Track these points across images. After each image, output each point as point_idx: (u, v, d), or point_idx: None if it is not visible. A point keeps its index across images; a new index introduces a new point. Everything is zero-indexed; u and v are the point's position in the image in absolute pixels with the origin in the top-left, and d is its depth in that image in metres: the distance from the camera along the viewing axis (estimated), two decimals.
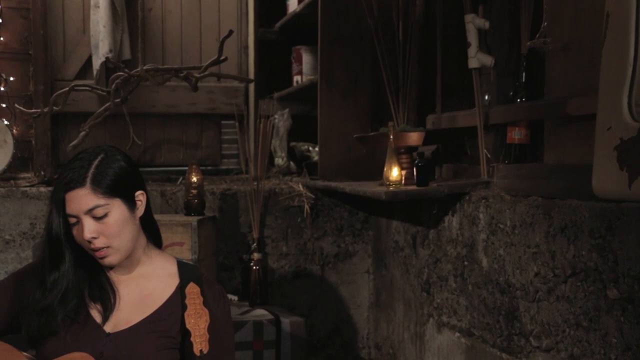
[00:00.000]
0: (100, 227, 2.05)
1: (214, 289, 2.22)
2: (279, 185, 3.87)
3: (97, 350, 2.07)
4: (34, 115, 3.73)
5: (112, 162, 2.09)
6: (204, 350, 2.04)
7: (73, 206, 2.03)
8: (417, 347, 3.26)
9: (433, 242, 3.06)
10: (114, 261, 2.10)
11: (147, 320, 2.13)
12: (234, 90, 4.59)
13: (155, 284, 2.18)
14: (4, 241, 3.50)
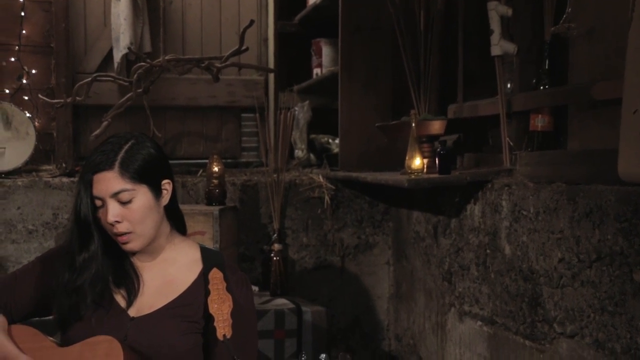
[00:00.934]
0: (124, 211, 2.06)
1: (237, 274, 2.23)
2: (300, 177, 3.88)
3: (121, 334, 2.08)
4: (56, 106, 3.75)
5: (141, 149, 2.10)
6: (227, 335, 2.05)
7: (100, 188, 2.05)
8: (438, 337, 3.26)
9: (455, 231, 3.05)
10: (135, 247, 2.11)
11: (170, 305, 2.14)
12: (254, 83, 4.61)
13: (178, 269, 2.20)
14: (27, 231, 3.53)
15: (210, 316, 2.08)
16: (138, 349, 2.08)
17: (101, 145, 2.10)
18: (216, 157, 3.50)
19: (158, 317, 2.13)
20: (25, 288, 2.23)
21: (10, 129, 3.96)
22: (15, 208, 3.52)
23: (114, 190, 2.04)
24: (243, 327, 2.13)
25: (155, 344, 2.09)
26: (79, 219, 2.07)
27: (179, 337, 2.11)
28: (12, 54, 4.24)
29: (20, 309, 2.23)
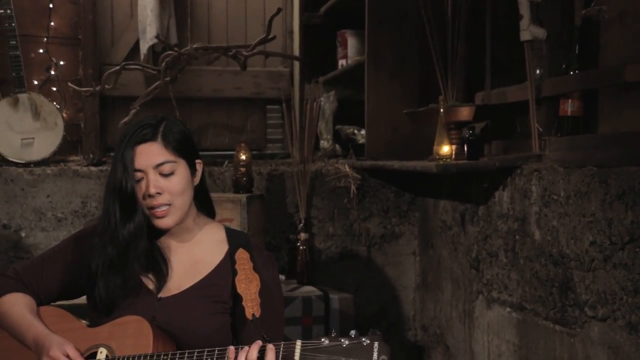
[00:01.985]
0: (165, 183, 2.07)
1: (263, 254, 2.24)
2: (325, 167, 3.89)
3: (149, 314, 2.09)
4: (85, 94, 3.79)
5: (177, 125, 2.13)
6: (256, 314, 2.06)
7: (142, 160, 2.05)
8: (465, 325, 3.25)
9: (482, 218, 3.04)
10: (170, 222, 2.12)
11: (197, 285, 2.15)
12: (279, 75, 4.62)
13: (204, 250, 2.20)
14: (56, 219, 3.56)
15: (238, 296, 2.09)
16: (166, 329, 2.09)
17: (136, 122, 2.12)
18: (243, 145, 3.52)
19: (186, 297, 2.14)
20: (53, 271, 2.24)
21: (39, 119, 3.99)
22: (44, 196, 3.55)
23: (158, 161, 2.05)
24: (271, 306, 2.14)
25: (183, 324, 2.10)
26: (124, 192, 2.05)
27: (206, 317, 2.12)
28: (40, 45, 4.28)
29: (48, 291, 2.24)
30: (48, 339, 2.07)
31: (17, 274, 2.24)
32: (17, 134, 3.94)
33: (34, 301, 2.22)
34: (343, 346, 1.90)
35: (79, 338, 2.10)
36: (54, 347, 2.04)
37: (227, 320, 2.14)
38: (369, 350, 1.88)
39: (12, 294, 2.20)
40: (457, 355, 3.36)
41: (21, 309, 2.17)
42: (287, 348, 1.93)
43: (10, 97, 3.98)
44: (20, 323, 2.14)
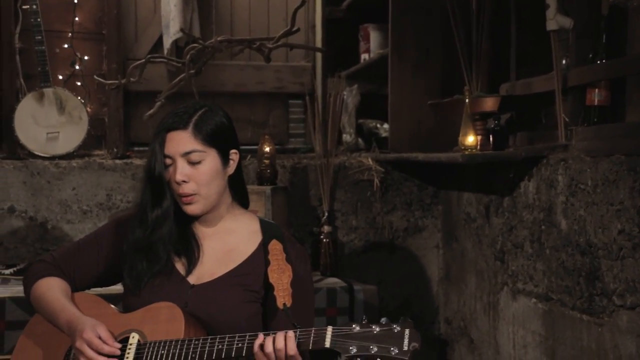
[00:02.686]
0: (192, 172, 2.10)
1: (296, 247, 2.25)
2: (349, 160, 3.89)
3: (181, 301, 2.11)
4: (111, 87, 3.82)
5: (215, 115, 2.15)
6: (287, 304, 2.07)
7: (171, 146, 2.09)
8: (490, 317, 3.25)
9: (507, 209, 3.04)
10: (197, 210, 2.14)
11: (230, 273, 2.17)
12: (301, 69, 4.63)
13: (238, 239, 2.22)
14: (82, 211, 3.59)
15: (270, 286, 2.11)
16: (198, 316, 2.11)
17: (176, 109, 2.15)
18: (267, 137, 3.53)
19: (218, 285, 2.16)
20: (89, 257, 2.27)
21: (64, 113, 4.03)
22: (70, 189, 3.58)
23: (185, 150, 2.09)
24: (302, 297, 2.15)
25: (215, 311, 2.12)
26: (153, 176, 2.10)
27: (238, 305, 2.14)
28: (65, 40, 4.32)
29: (83, 277, 2.27)
30: (81, 321, 2.10)
31: (54, 259, 2.27)
32: (42, 128, 3.97)
33: (69, 286, 2.25)
34: (374, 333, 1.91)
35: (112, 323, 2.13)
36: (86, 329, 2.06)
37: (258, 309, 2.16)
38: (400, 337, 1.89)
39: (48, 278, 2.24)
40: (481, 348, 3.36)
41: (56, 293, 2.20)
42: (317, 334, 1.94)
43: (36, 92, 4.02)
44: (54, 306, 2.18)
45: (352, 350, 1.89)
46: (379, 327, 1.92)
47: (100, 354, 2.03)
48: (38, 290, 2.23)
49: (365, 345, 1.89)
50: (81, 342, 2.05)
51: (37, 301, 2.23)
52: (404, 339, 1.89)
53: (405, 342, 1.88)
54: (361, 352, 1.88)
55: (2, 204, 3.51)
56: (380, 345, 1.88)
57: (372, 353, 1.88)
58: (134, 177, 3.63)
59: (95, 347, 2.04)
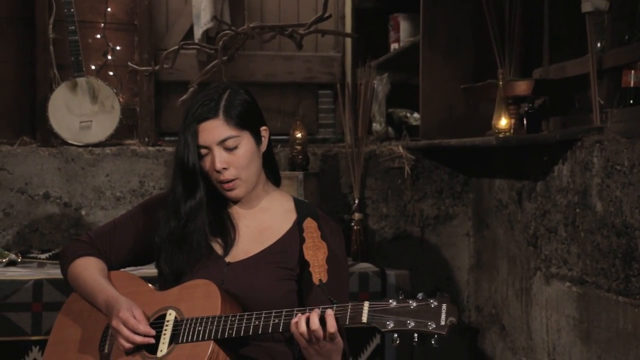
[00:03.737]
0: (230, 158, 2.11)
1: (330, 224, 2.27)
2: (379, 148, 3.90)
3: (218, 278, 2.13)
4: (145, 74, 3.85)
5: (238, 96, 2.15)
6: (323, 280, 2.08)
7: (206, 137, 2.10)
8: (522, 303, 3.24)
9: (540, 194, 3.03)
10: (240, 193, 2.16)
11: (265, 251, 2.18)
12: (331, 59, 4.65)
13: (273, 218, 2.24)
14: (115, 198, 3.63)
15: (306, 263, 2.12)
16: (234, 294, 2.13)
17: (199, 97, 2.15)
18: (299, 123, 3.55)
19: (254, 262, 2.17)
20: (124, 236, 2.30)
21: (97, 103, 4.07)
22: (104, 175, 3.62)
23: (221, 138, 2.10)
24: (337, 273, 2.17)
25: (251, 288, 2.13)
26: (186, 168, 2.11)
27: (274, 282, 2.15)
28: (97, 31, 4.36)
29: (119, 256, 2.31)
30: (118, 301, 2.12)
31: (90, 238, 2.30)
32: (75, 116, 4.02)
33: (105, 265, 2.28)
34: (410, 308, 1.91)
35: (149, 301, 2.15)
36: (123, 309, 2.09)
37: (294, 287, 2.17)
38: (437, 312, 1.89)
39: (85, 257, 2.26)
40: (513, 334, 3.35)
41: (93, 272, 2.23)
42: (354, 309, 1.95)
43: (69, 81, 4.06)
44: (92, 285, 2.21)
45: (389, 325, 1.89)
46: (415, 303, 1.92)
47: (136, 334, 2.07)
48: (75, 270, 2.26)
49: (402, 320, 1.89)
50: (117, 322, 2.08)
51: (75, 280, 2.26)
52: (441, 313, 1.88)
53: (442, 317, 1.88)
54: (398, 327, 1.89)
55: (37, 190, 3.55)
56: (417, 320, 1.88)
57: (409, 328, 1.88)
58: (166, 164, 3.66)
59: (131, 326, 2.07)
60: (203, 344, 2.03)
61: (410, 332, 1.88)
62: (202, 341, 2.03)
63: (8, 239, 3.52)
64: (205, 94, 2.14)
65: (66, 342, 2.23)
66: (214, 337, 2.03)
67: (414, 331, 1.88)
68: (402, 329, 1.89)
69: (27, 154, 3.57)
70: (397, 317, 1.90)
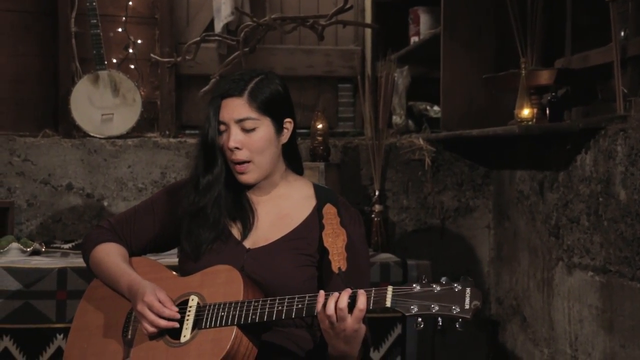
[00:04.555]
0: (246, 139, 2.11)
1: (350, 211, 2.26)
2: (400, 140, 3.90)
3: (238, 264, 2.13)
4: (167, 65, 3.88)
5: (270, 84, 2.15)
6: (342, 268, 2.08)
7: (226, 113, 2.11)
8: (544, 294, 3.23)
9: (563, 184, 3.02)
10: (250, 179, 2.16)
11: (285, 238, 2.18)
12: (351, 53, 4.65)
13: (292, 204, 2.23)
14: (137, 189, 3.65)
15: (325, 250, 2.12)
16: (255, 280, 2.13)
17: (232, 75, 2.17)
18: (320, 114, 3.56)
19: (274, 249, 2.17)
20: (145, 222, 2.30)
21: (118, 95, 4.10)
22: (126, 167, 3.64)
23: (240, 117, 2.10)
24: (357, 261, 2.16)
25: (270, 275, 2.13)
26: (206, 142, 2.13)
27: (294, 269, 2.15)
28: (119, 24, 4.39)
29: (139, 242, 2.31)
30: (142, 285, 2.13)
31: (111, 225, 2.31)
32: (97, 109, 4.05)
33: (126, 251, 2.29)
34: (434, 292, 1.91)
35: (171, 286, 2.16)
36: (147, 292, 2.09)
37: (314, 273, 2.17)
38: (461, 296, 1.89)
39: (107, 243, 2.27)
40: (534, 325, 3.34)
41: (115, 258, 2.24)
42: (378, 293, 1.95)
43: (91, 74, 4.09)
44: (114, 270, 2.21)
45: (413, 309, 1.89)
46: (439, 287, 1.92)
47: (161, 317, 2.07)
48: (97, 256, 2.27)
49: (426, 304, 1.89)
50: (142, 306, 2.08)
51: (97, 266, 2.27)
52: (465, 297, 1.89)
53: (466, 301, 1.88)
54: (422, 311, 1.89)
55: (60, 181, 3.58)
56: (441, 304, 1.88)
57: (434, 312, 1.88)
58: (187, 156, 3.68)
59: (156, 310, 2.07)
60: (226, 330, 2.03)
61: (434, 316, 1.88)
62: (225, 326, 2.03)
63: (32, 229, 3.55)
64: (239, 73, 2.16)
65: (89, 328, 2.24)
66: (237, 322, 2.03)
67: (438, 315, 1.88)
68: (426, 312, 1.89)
69: (50, 146, 3.60)
70: (421, 301, 1.90)
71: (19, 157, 3.56)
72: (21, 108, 4.20)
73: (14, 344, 2.90)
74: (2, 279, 2.90)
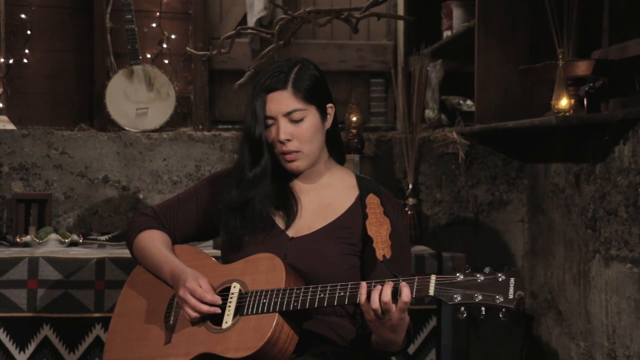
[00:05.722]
0: (295, 130, 2.14)
1: (393, 201, 2.28)
2: (433, 134, 3.90)
3: (281, 253, 2.15)
4: (203, 58, 3.91)
5: (308, 70, 2.18)
6: (387, 256, 2.09)
7: (273, 107, 2.13)
8: (580, 287, 3.21)
9: (600, 176, 3.00)
10: (300, 166, 2.18)
11: (328, 226, 2.20)
12: (383, 48, 4.66)
13: (335, 194, 2.25)
14: (172, 182, 3.68)
15: (369, 238, 2.13)
16: (297, 268, 2.15)
17: (270, 69, 2.18)
18: (354, 106, 3.56)
19: (317, 237, 2.19)
20: (188, 211, 2.33)
21: (153, 90, 4.14)
22: (161, 160, 3.67)
23: (287, 110, 2.12)
24: (400, 250, 2.17)
25: (313, 263, 2.15)
26: (252, 137, 2.14)
27: (337, 257, 2.17)
28: (153, 20, 4.44)
29: (182, 230, 2.34)
30: (184, 271, 2.16)
31: (155, 213, 2.34)
32: (132, 103, 4.09)
33: (169, 238, 2.31)
34: (478, 281, 1.91)
35: (213, 274, 2.18)
36: (189, 279, 2.12)
37: (357, 262, 2.18)
38: (505, 285, 1.89)
39: (150, 230, 2.30)
40: (570, 319, 3.32)
41: (158, 245, 2.27)
42: (421, 282, 1.96)
43: (126, 69, 4.13)
44: (158, 257, 2.24)
45: (457, 298, 1.90)
46: (483, 276, 1.92)
47: (203, 303, 2.09)
48: (141, 242, 2.30)
49: (470, 293, 1.89)
50: (184, 291, 2.11)
51: (140, 252, 2.30)
52: (509, 287, 1.89)
53: (510, 291, 1.88)
54: (465, 301, 1.89)
55: (97, 174, 3.62)
56: (484, 293, 1.88)
57: (477, 301, 1.88)
58: (222, 149, 3.70)
59: (198, 295, 2.09)
60: (268, 316, 2.05)
61: (477, 306, 1.89)
62: (266, 313, 2.04)
63: (69, 222, 3.59)
64: (276, 66, 2.17)
65: (132, 313, 2.27)
66: (279, 309, 2.04)
67: (482, 304, 1.88)
68: (469, 302, 1.89)
69: (87, 139, 3.64)
70: (464, 291, 1.90)
71: (56, 150, 3.60)
72: (57, 103, 4.26)
73: (54, 332, 2.94)
74: (42, 269, 2.94)
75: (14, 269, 2.92)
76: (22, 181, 3.55)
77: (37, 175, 3.59)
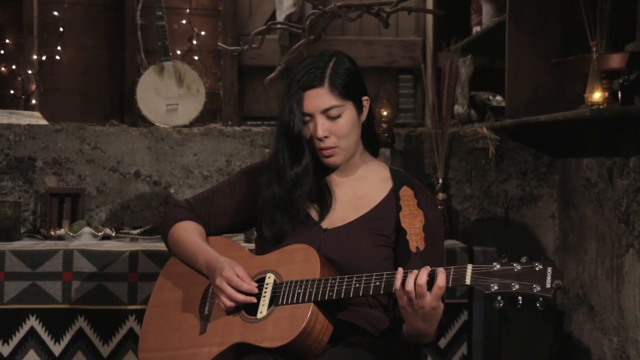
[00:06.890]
0: (332, 126, 2.14)
1: (426, 194, 2.28)
2: (463, 129, 3.89)
3: (315, 244, 2.16)
4: (233, 53, 3.93)
5: (343, 64, 2.18)
6: (420, 248, 2.10)
7: (310, 105, 2.13)
8: (613, 282, 3.19)
9: (634, 169, 2.98)
10: (338, 161, 2.19)
11: (362, 218, 2.21)
12: (412, 44, 4.66)
13: (369, 186, 2.26)
14: (202, 177, 3.70)
15: (402, 230, 2.14)
16: (331, 259, 2.16)
17: (305, 64, 2.17)
18: (385, 101, 3.56)
19: (351, 229, 2.20)
20: (223, 203, 2.35)
21: (183, 86, 4.16)
22: (191, 154, 3.70)
23: (325, 106, 2.13)
24: (434, 241, 2.18)
25: (347, 255, 2.16)
26: (292, 135, 2.15)
27: (371, 249, 2.18)
28: (183, 17, 4.47)
29: (217, 222, 2.36)
30: (220, 260, 2.18)
31: (190, 204, 2.36)
32: (162, 99, 4.12)
33: (204, 230, 2.33)
34: (515, 271, 1.91)
35: (248, 264, 2.20)
36: (226, 267, 2.14)
37: (390, 254, 2.19)
38: (542, 275, 1.88)
39: (185, 221, 2.32)
40: (602, 314, 3.30)
41: (193, 235, 2.29)
42: (457, 271, 1.96)
43: (157, 65, 4.16)
44: (193, 247, 2.26)
45: (493, 287, 1.90)
46: (519, 265, 1.92)
47: (239, 292, 2.11)
48: (176, 233, 2.32)
49: (507, 282, 1.89)
50: (221, 280, 2.12)
51: (175, 243, 2.32)
52: (547, 276, 1.88)
53: (547, 280, 1.88)
54: (502, 290, 1.89)
55: (128, 169, 3.65)
56: (521, 282, 1.88)
57: (514, 290, 1.88)
58: (252, 144, 3.72)
59: (235, 284, 2.11)
60: (303, 306, 2.06)
61: (514, 295, 1.88)
62: (301, 303, 2.06)
63: (101, 216, 3.63)
64: (311, 61, 2.17)
65: (166, 304, 2.29)
66: (314, 299, 2.06)
67: (519, 294, 1.88)
68: (506, 291, 1.89)
69: (118, 134, 3.67)
70: (501, 280, 1.90)
71: (89, 145, 3.64)
72: (89, 99, 4.31)
73: (88, 324, 2.97)
74: (77, 261, 2.97)
75: (50, 261, 2.96)
76: (55, 176, 3.59)
77: (70, 169, 3.63)
